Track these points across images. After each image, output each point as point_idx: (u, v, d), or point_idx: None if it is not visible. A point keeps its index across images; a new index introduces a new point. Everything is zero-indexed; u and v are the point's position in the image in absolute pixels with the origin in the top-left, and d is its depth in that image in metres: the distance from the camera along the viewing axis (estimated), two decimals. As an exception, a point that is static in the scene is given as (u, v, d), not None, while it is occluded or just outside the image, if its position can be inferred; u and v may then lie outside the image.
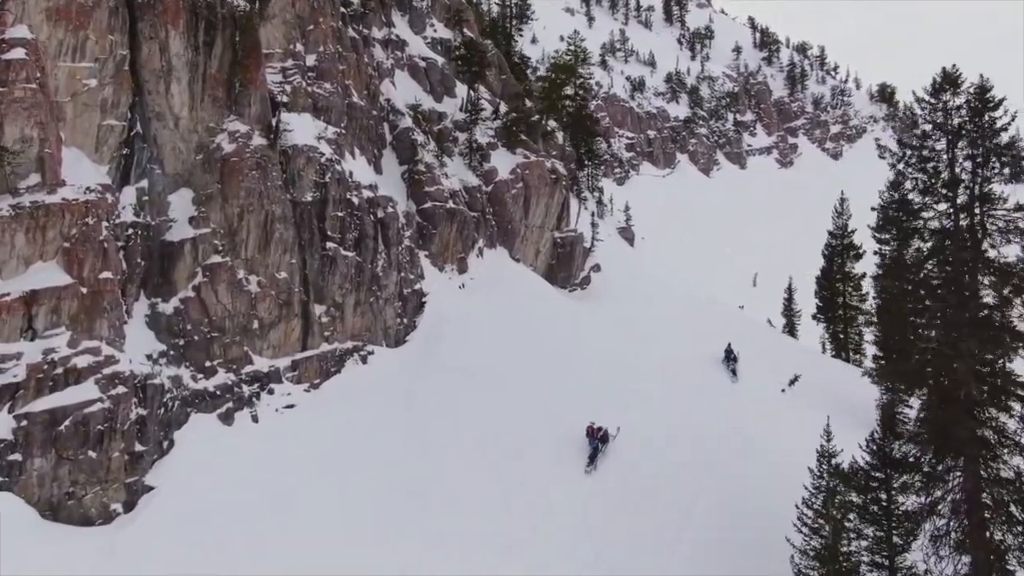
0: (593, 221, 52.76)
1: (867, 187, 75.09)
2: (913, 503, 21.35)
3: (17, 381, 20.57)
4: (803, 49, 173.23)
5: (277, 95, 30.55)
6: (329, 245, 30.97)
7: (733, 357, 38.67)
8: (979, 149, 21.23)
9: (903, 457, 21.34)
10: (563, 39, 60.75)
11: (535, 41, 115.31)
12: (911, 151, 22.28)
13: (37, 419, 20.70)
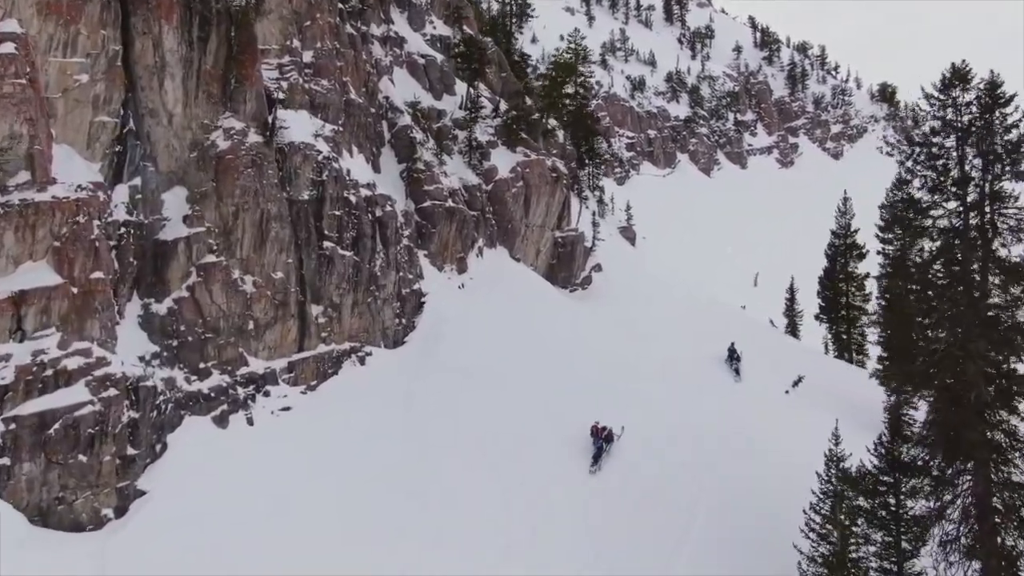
0: (594, 220, 52.38)
1: (868, 187, 75.29)
2: (922, 508, 21.03)
3: (5, 383, 20.04)
4: (804, 49, 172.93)
5: (273, 92, 30.09)
6: (326, 244, 30.50)
7: (736, 357, 38.45)
8: (990, 146, 20.85)
9: (912, 461, 20.99)
10: (563, 38, 60.40)
11: (535, 40, 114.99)
12: (919, 148, 21.91)
13: (26, 422, 20.21)
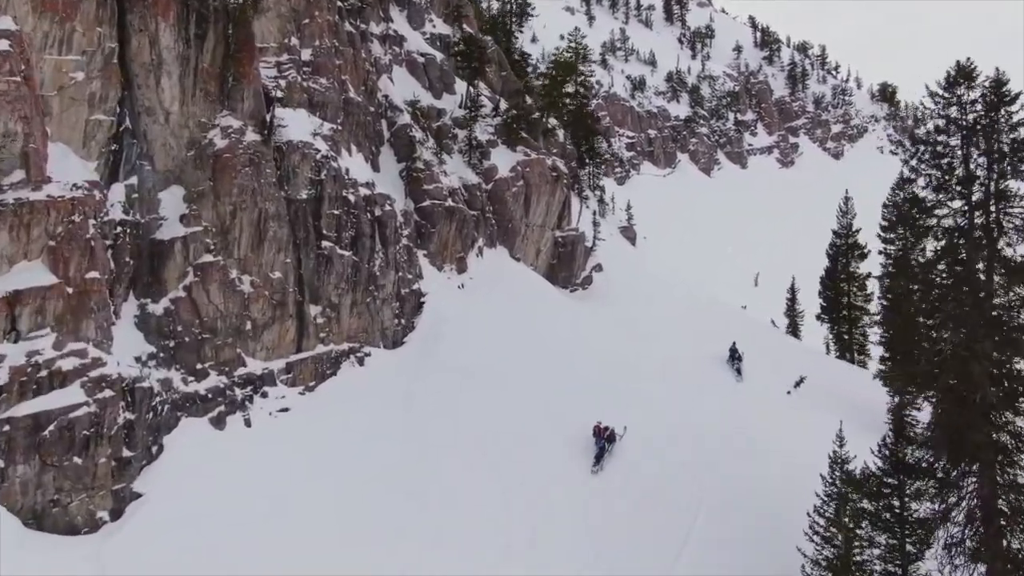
0: (595, 220, 52.17)
1: (869, 186, 75.26)
2: (927, 510, 20.83)
3: (-1, 384, 19.85)
4: (804, 48, 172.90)
5: (271, 90, 29.87)
6: (325, 244, 30.25)
7: (738, 356, 38.29)
8: (995, 144, 20.62)
9: (916, 463, 20.78)
10: (563, 37, 60.19)
11: (535, 40, 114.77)
12: (924, 147, 21.69)
13: (20, 424, 19.96)
